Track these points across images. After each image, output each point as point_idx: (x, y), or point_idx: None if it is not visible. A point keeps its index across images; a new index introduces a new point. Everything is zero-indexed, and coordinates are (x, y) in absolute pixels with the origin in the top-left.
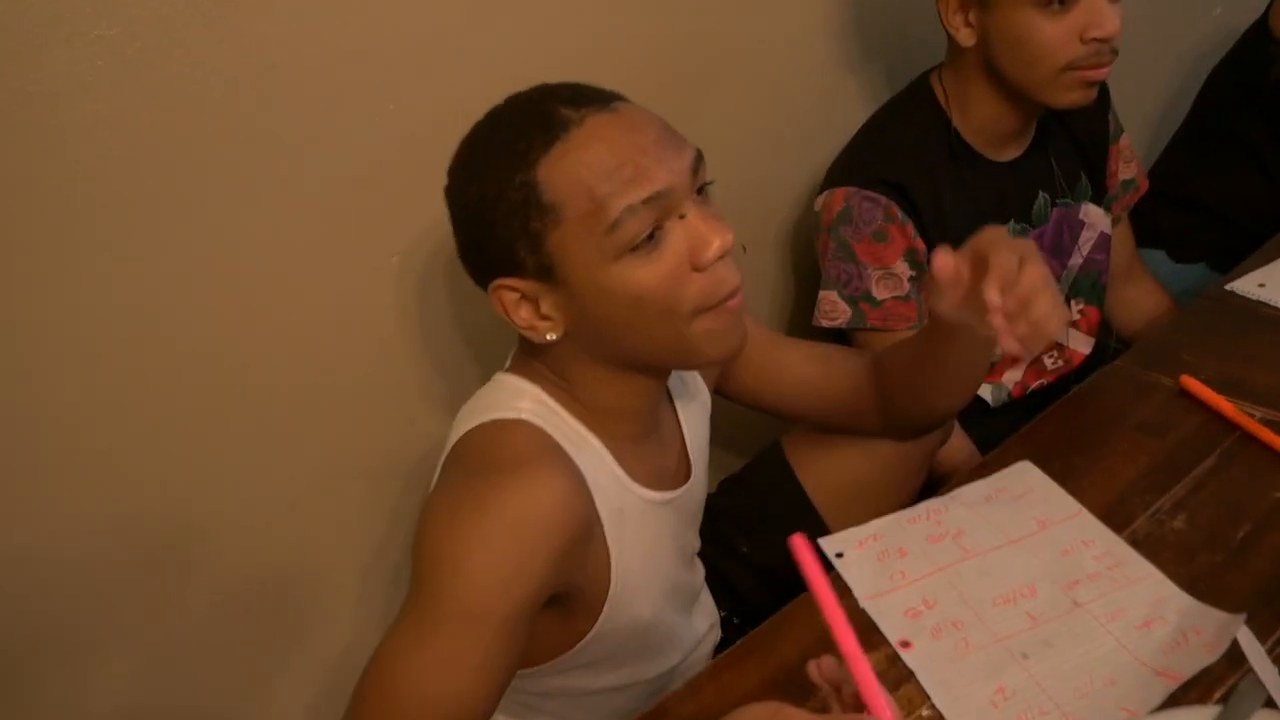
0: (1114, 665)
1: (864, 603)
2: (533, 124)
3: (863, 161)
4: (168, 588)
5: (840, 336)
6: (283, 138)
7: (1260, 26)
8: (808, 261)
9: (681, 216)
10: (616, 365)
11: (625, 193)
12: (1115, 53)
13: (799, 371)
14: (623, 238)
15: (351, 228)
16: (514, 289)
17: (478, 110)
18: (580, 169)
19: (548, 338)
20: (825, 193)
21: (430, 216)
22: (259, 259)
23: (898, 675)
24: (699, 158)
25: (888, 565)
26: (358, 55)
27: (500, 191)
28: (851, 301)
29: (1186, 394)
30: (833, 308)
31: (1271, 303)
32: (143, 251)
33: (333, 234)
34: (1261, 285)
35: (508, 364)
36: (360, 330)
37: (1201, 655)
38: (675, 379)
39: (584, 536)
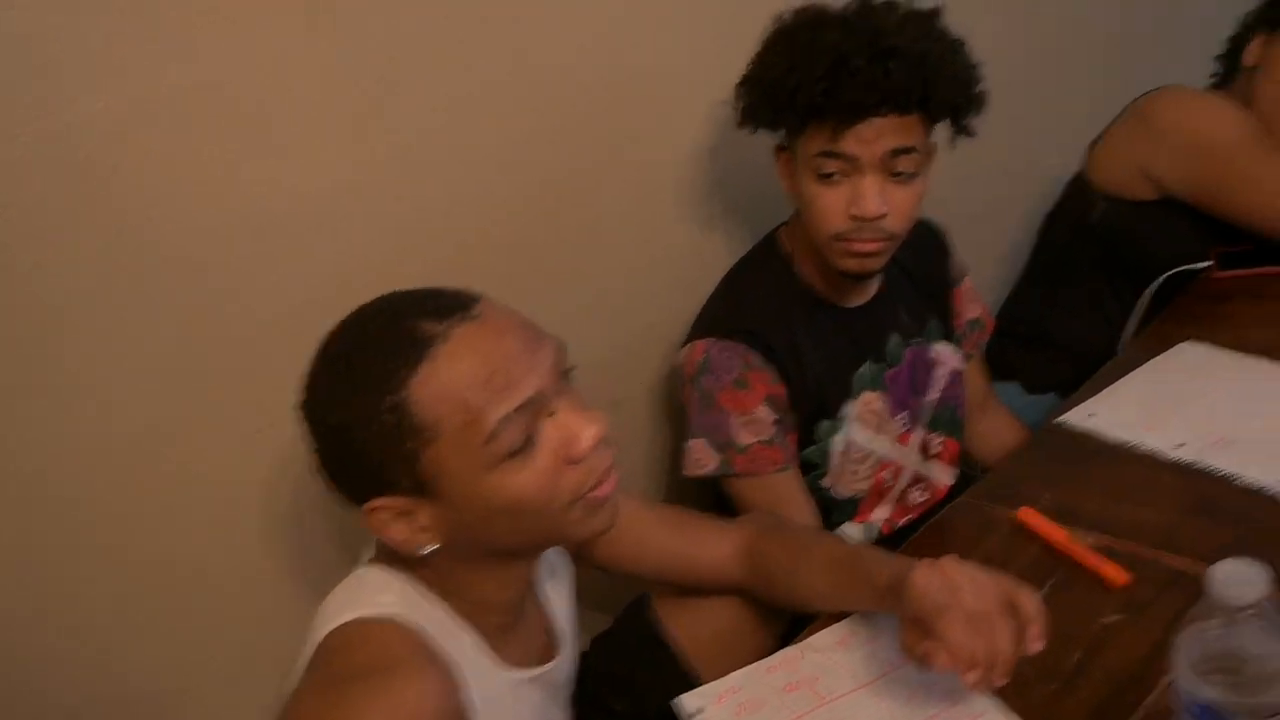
0: None
1: None
2: (397, 344)
3: (720, 314)
4: None
5: (712, 484)
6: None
7: (1080, 177)
8: (679, 415)
9: (552, 414)
10: (488, 560)
11: (499, 403)
12: (887, 233)
13: (662, 544)
14: (500, 447)
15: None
16: (388, 508)
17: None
18: (452, 385)
19: (425, 550)
20: (687, 345)
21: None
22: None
23: None
24: (561, 348)
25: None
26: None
27: (369, 416)
28: (719, 449)
29: (1025, 525)
30: (700, 456)
31: (1099, 433)
32: None
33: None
34: (1091, 415)
35: (371, 553)
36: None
37: None
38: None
39: None
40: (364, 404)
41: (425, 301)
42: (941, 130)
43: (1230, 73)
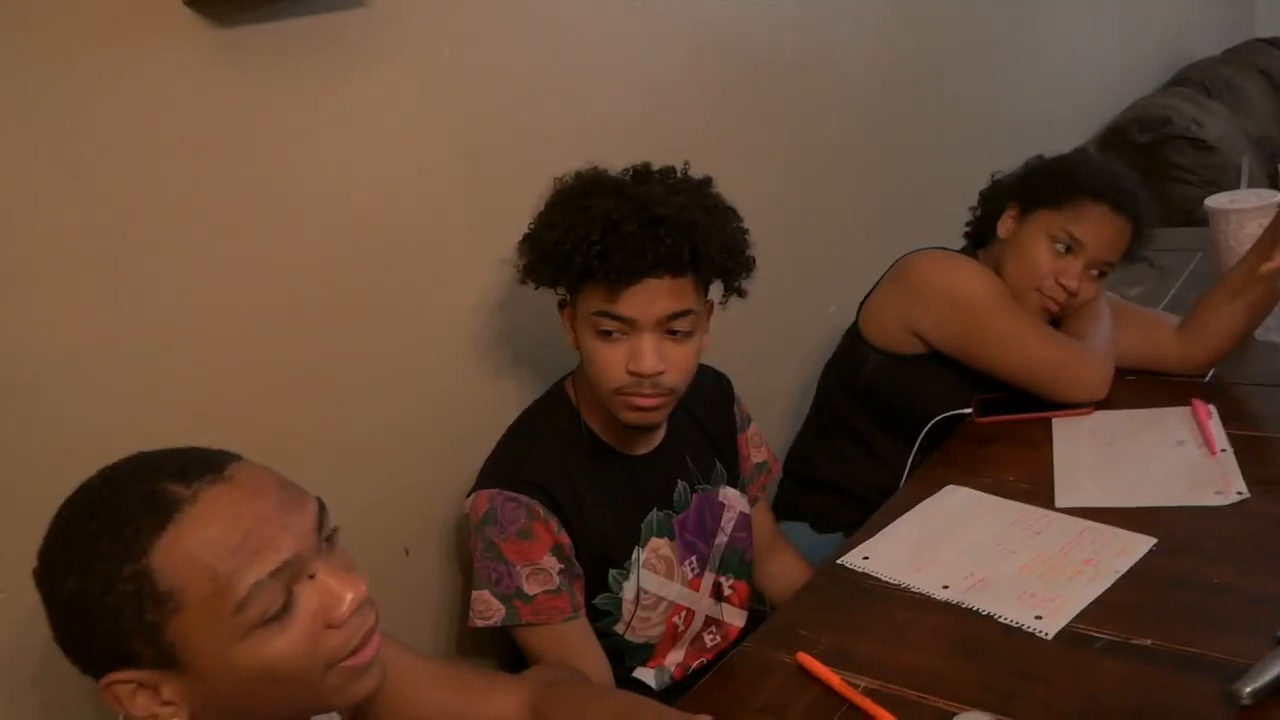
0: None
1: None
2: (139, 507)
3: (505, 464)
4: None
5: (502, 634)
6: None
7: (854, 330)
8: (469, 561)
9: (311, 576)
10: None
11: (251, 568)
12: (666, 388)
13: (441, 703)
14: (253, 615)
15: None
16: (128, 680)
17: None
18: (198, 550)
19: None
20: (472, 495)
21: None
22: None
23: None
24: (322, 509)
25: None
26: None
27: (107, 586)
28: (505, 599)
29: (803, 669)
30: (486, 607)
31: (874, 574)
32: None
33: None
34: (865, 558)
35: None
36: None
37: None
38: None
39: None
40: (101, 571)
41: (173, 461)
42: (717, 289)
43: (981, 235)
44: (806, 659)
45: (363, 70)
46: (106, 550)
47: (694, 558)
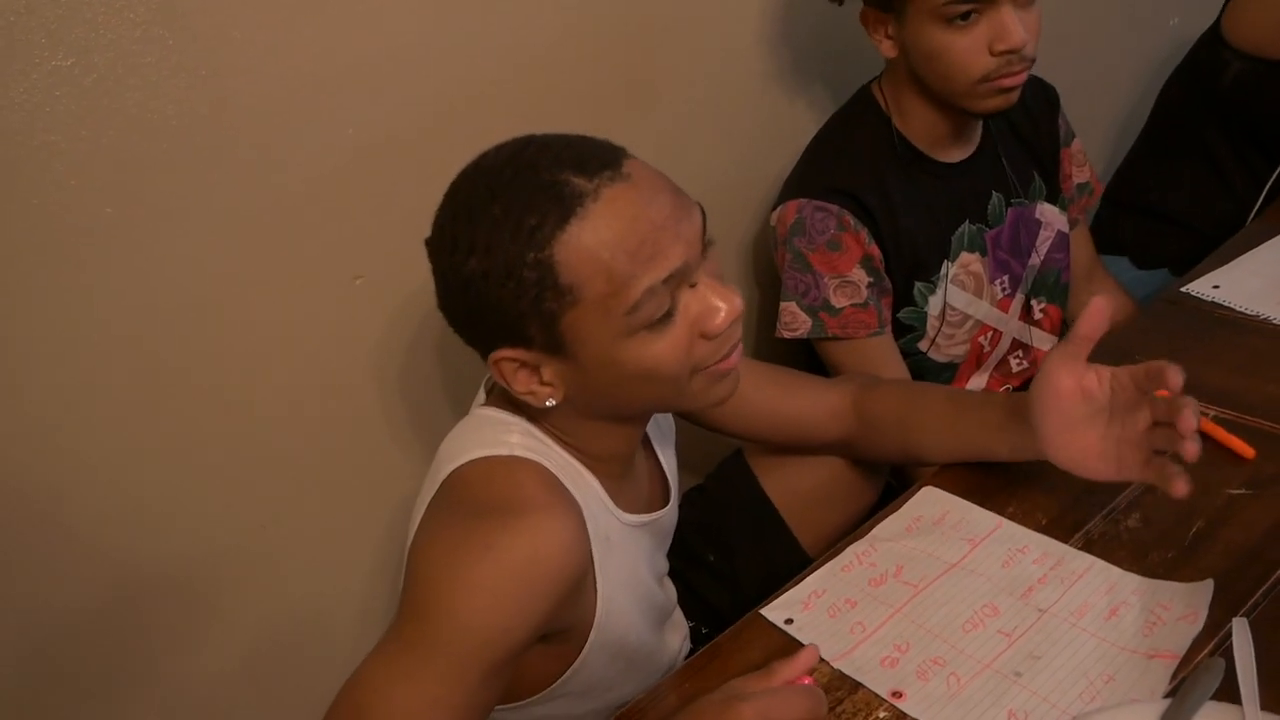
0: (1105, 661)
1: (837, 663)
2: (542, 196)
3: (813, 173)
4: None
5: (805, 346)
6: (241, 164)
7: (1213, 33)
8: (769, 276)
9: (693, 285)
10: (605, 419)
11: (645, 274)
12: (1029, 59)
13: (767, 401)
14: (641, 317)
15: (314, 252)
16: (515, 359)
17: (431, 125)
18: (599, 249)
19: (547, 404)
20: (779, 207)
21: (394, 238)
22: (221, 284)
23: None
24: (704, 217)
25: (842, 620)
26: (314, 80)
27: (510, 270)
28: (811, 311)
29: None
30: (793, 319)
31: (1226, 303)
32: (105, 279)
33: (294, 259)
34: (1216, 287)
35: (482, 397)
36: (324, 355)
37: (1184, 629)
38: None
39: (584, 577)
40: (505, 255)
41: (570, 153)
42: None
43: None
44: None
45: None
46: (509, 236)
47: (1005, 276)
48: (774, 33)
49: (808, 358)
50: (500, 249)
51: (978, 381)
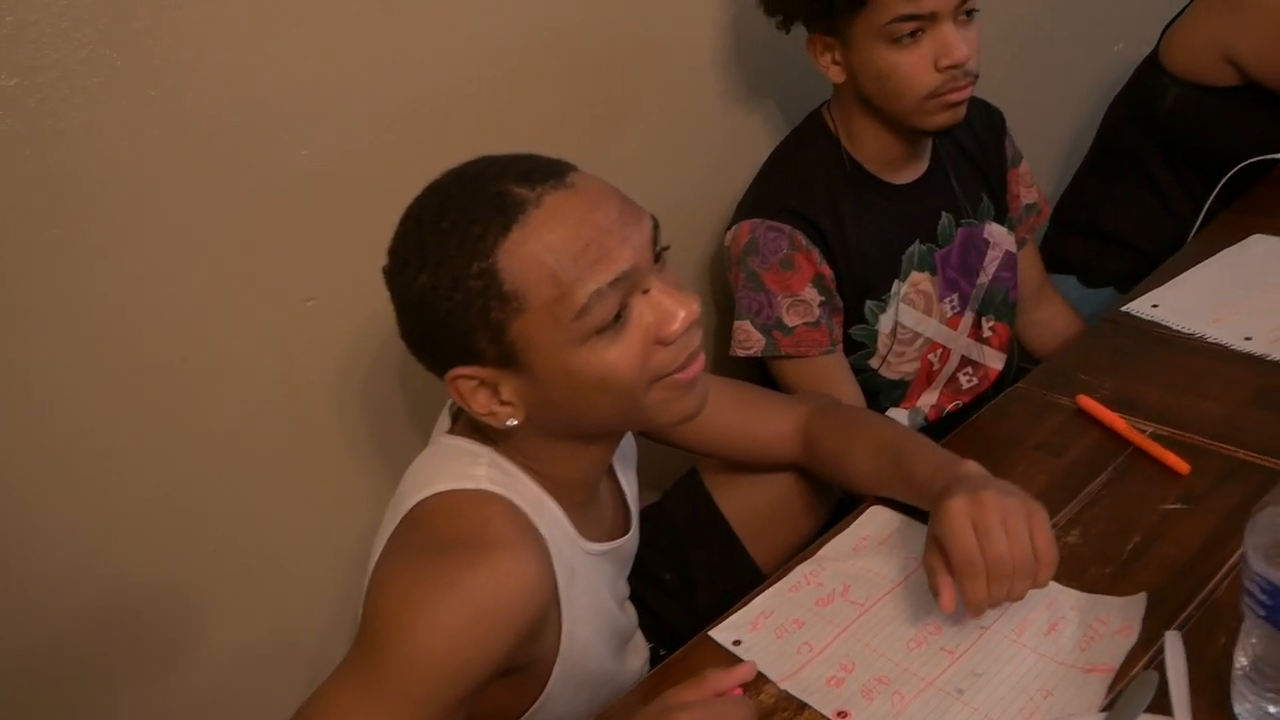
0: (1045, 676)
1: (783, 684)
2: (486, 207)
3: (766, 194)
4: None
5: (759, 364)
6: (191, 185)
7: (1153, 60)
8: (725, 295)
9: (645, 291)
10: (570, 440)
11: (591, 276)
12: (973, 74)
13: (726, 419)
14: (591, 322)
15: (265, 273)
16: (471, 377)
17: (386, 148)
18: (542, 253)
19: (508, 424)
20: (734, 227)
21: (347, 261)
22: (170, 306)
23: None
24: (656, 226)
25: (789, 640)
26: (266, 101)
27: (455, 281)
28: (764, 330)
29: (1083, 413)
30: (746, 337)
31: (1164, 322)
32: (51, 300)
33: (246, 279)
34: (1155, 306)
35: (446, 423)
36: (279, 377)
37: (1120, 642)
38: None
39: (548, 612)
40: (450, 268)
41: (517, 167)
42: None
43: None
44: (1088, 402)
45: None
46: (454, 247)
47: (955, 295)
48: (725, 56)
49: (761, 376)
50: (448, 261)
51: (929, 398)
